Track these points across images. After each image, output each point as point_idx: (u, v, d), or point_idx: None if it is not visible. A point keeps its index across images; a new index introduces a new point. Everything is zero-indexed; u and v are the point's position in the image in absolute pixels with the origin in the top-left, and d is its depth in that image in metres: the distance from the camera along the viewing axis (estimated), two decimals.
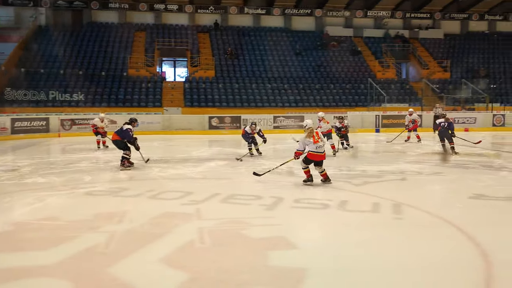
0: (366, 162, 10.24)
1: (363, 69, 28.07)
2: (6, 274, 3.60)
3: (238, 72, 26.47)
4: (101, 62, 25.45)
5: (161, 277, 3.54)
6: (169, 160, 10.77)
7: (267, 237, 4.53)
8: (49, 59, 24.77)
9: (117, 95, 23.17)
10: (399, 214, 5.45)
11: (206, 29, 30.03)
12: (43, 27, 27.72)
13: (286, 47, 29.11)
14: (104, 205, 6.07)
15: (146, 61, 25.92)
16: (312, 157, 7.17)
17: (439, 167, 9.33)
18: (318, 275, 3.55)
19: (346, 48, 29.90)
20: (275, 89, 25.15)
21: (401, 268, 3.72)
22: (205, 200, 6.17)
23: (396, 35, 31.76)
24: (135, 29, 28.97)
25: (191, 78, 25.56)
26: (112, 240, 4.45)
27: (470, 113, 23.93)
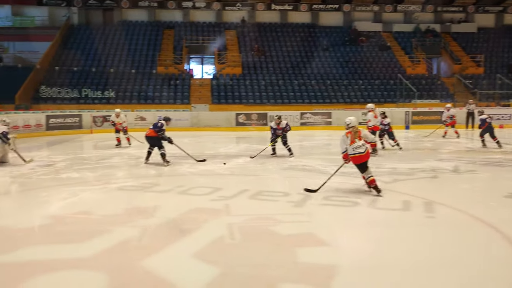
0: (396, 160, 10.10)
1: (393, 65, 27.58)
2: (44, 266, 3.74)
3: (265, 68, 26.46)
4: (131, 60, 25.92)
5: (192, 271, 3.61)
6: (197, 156, 10.89)
7: (295, 234, 4.54)
8: (82, 57, 25.40)
9: (146, 92, 23.57)
10: (430, 213, 5.37)
11: (233, 26, 30.13)
12: (75, 26, 28.44)
13: (313, 43, 28.90)
14: (135, 200, 6.21)
15: (175, 58, 26.23)
16: (357, 159, 6.33)
17: (473, 165, 9.10)
18: (347, 272, 3.55)
19: (375, 44, 29.43)
20: (302, 86, 25.03)
21: (433, 267, 3.67)
22: (234, 196, 6.23)
23: (426, 29, 31.04)
24: (164, 27, 29.35)
25: (218, 75, 25.73)
26: (144, 234, 4.56)
27: (505, 109, 23.16)
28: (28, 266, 3.72)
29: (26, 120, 17.51)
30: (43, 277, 3.51)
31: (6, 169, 8.78)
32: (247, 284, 3.36)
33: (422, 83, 25.86)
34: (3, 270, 3.66)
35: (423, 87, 25.47)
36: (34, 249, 4.19)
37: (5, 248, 4.17)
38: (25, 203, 6.21)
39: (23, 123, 17.25)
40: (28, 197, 6.63)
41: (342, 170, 7.36)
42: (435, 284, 3.37)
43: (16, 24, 27.96)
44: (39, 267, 3.70)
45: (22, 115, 17.78)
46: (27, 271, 3.62)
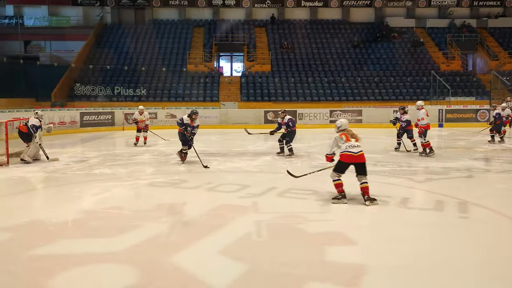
0: (428, 158, 9.85)
1: (426, 61, 26.91)
2: (77, 259, 3.85)
3: (294, 66, 26.32)
4: (162, 58, 26.30)
5: (220, 268, 3.63)
6: (226, 153, 10.97)
7: (323, 232, 4.50)
8: (114, 56, 25.98)
9: (176, 90, 23.87)
10: (464, 213, 5.22)
11: (263, 24, 30.10)
12: (108, 25, 29.08)
13: (343, 39, 28.53)
14: (165, 196, 6.30)
15: (204, 56, 26.45)
16: (347, 158, 5.73)
17: (509, 164, 8.79)
18: (375, 272, 3.49)
19: (408, 40, 28.78)
20: (332, 83, 24.76)
21: (464, 268, 3.57)
22: (262, 194, 6.23)
23: (462, 24, 30.10)
24: (194, 25, 29.64)
25: (247, 72, 25.77)
26: (173, 230, 4.62)
27: None
28: (62, 259, 3.84)
29: (62, 117, 18.03)
30: (76, 270, 3.61)
31: (41, 165, 9.07)
32: (274, 282, 3.35)
33: (456, 80, 25.13)
34: (38, 263, 3.79)
35: (458, 84, 24.75)
36: (67, 243, 4.31)
37: (40, 241, 4.30)
38: (59, 198, 6.39)
39: (59, 120, 17.77)
40: (62, 192, 6.83)
41: (371, 169, 7.25)
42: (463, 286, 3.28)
43: (53, 24, 28.85)
44: (72, 261, 3.80)
45: (58, 112, 18.32)
46: (61, 264, 3.72)
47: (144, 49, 26.96)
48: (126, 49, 26.61)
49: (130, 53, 26.29)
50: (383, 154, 10.49)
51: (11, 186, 7.30)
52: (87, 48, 26.19)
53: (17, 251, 4.04)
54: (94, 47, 26.56)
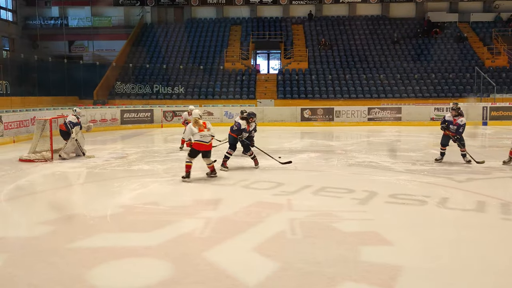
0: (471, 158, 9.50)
1: (469, 57, 25.91)
2: (114, 252, 3.97)
3: (331, 63, 25.99)
4: (199, 57, 26.63)
5: (253, 264, 3.64)
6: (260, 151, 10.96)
7: (359, 232, 4.43)
8: (154, 55, 26.56)
9: (214, 88, 24.11)
10: (507, 215, 5.00)
11: (300, 21, 29.90)
12: (148, 25, 29.74)
13: (383, 35, 27.90)
14: (201, 193, 6.38)
15: (241, 54, 26.57)
16: (198, 146, 7.00)
17: None
18: (411, 273, 3.40)
19: (450, 35, 27.80)
20: (370, 80, 24.29)
21: (504, 274, 3.41)
22: (297, 192, 6.20)
23: (509, 18, 28.77)
24: (231, 23, 29.82)
25: (284, 70, 25.69)
26: (207, 226, 4.67)
27: None
28: (100, 252, 3.96)
29: (103, 115, 18.63)
30: (113, 263, 3.72)
31: (83, 161, 9.39)
32: (307, 280, 3.33)
33: (502, 76, 24.07)
34: (77, 254, 3.93)
35: (504, 80, 23.69)
36: (106, 236, 4.45)
37: (79, 234, 4.46)
38: (99, 193, 6.60)
39: (100, 117, 18.36)
40: (102, 187, 7.05)
41: (409, 168, 7.07)
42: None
43: (95, 24, 29.81)
44: (110, 254, 3.92)
45: (100, 110, 18.94)
46: (99, 256, 3.85)
47: (183, 47, 27.39)
48: (164, 47, 27.13)
49: (168, 52, 26.80)
50: (422, 153, 10.20)
51: (54, 181, 7.61)
52: (128, 47, 26.89)
53: (58, 244, 4.21)
54: (134, 46, 27.23)
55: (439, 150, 8.92)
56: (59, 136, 10.02)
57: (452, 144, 8.81)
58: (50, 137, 9.49)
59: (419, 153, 10.14)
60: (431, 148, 11.07)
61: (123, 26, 29.59)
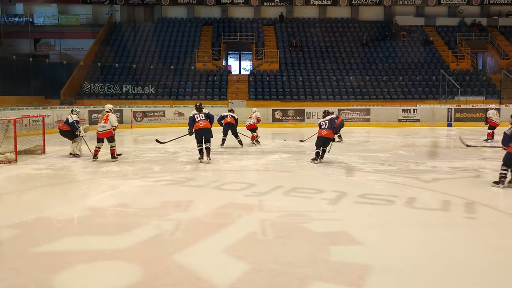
0: (436, 158, 9.78)
1: (435, 60, 26.68)
2: (82, 256, 3.87)
3: (302, 64, 26.24)
4: (170, 56, 26.37)
5: (224, 266, 3.63)
6: (233, 152, 10.97)
7: (329, 232, 4.48)
8: (123, 54, 26.11)
9: (185, 88, 23.92)
10: (471, 213, 5.16)
11: (271, 22, 30.05)
12: (118, 23, 29.22)
13: (352, 38, 28.39)
14: (171, 194, 6.32)
15: (213, 54, 26.47)
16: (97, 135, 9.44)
17: None
18: (380, 272, 3.46)
19: (417, 38, 28.55)
20: (340, 82, 24.65)
21: (471, 270, 3.53)
22: (268, 192, 6.22)
23: (472, 23, 29.80)
24: (202, 23, 29.67)
25: (255, 71, 25.76)
26: (178, 228, 4.63)
27: None
28: (66, 256, 3.86)
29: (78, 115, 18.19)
30: (80, 267, 3.63)
31: (49, 162, 9.15)
32: (278, 281, 3.34)
33: (466, 79, 24.90)
34: (43, 259, 3.81)
35: (467, 83, 24.51)
36: (72, 239, 4.34)
37: (46, 238, 4.33)
38: (66, 195, 6.43)
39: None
40: (69, 189, 6.87)
41: (378, 168, 7.21)
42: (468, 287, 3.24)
43: (62, 22, 29.06)
44: (77, 258, 3.82)
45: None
46: (65, 261, 3.74)
47: (153, 47, 27.04)
48: (134, 47, 26.73)
49: (138, 51, 26.42)
50: (390, 154, 10.43)
51: (19, 183, 7.38)
52: (96, 46, 26.34)
53: (22, 248, 4.07)
54: (103, 45, 26.69)
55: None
56: (29, 137, 9.90)
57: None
58: (14, 138, 9.18)
59: (387, 154, 10.36)
60: (398, 148, 11.33)
61: (91, 25, 28.97)
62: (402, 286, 3.29)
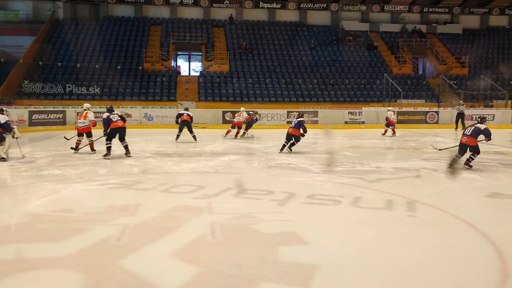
0: (380, 159, 10.15)
1: (379, 64, 27.77)
2: (21, 264, 3.66)
3: (252, 66, 26.42)
4: (117, 56, 25.66)
5: (172, 270, 3.56)
6: (182, 154, 10.84)
7: (278, 233, 4.52)
8: (66, 53, 25.09)
9: (132, 88, 23.35)
10: (412, 212, 5.39)
11: (221, 24, 30.02)
12: (60, 21, 28.03)
13: (301, 41, 28.95)
14: (117, 198, 6.13)
15: (161, 55, 26.04)
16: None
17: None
18: (328, 272, 3.53)
19: (362, 43, 29.60)
20: (289, 84, 25.05)
21: (413, 266, 3.68)
22: (217, 195, 6.18)
23: (413, 30, 31.32)
24: (151, 23, 29.12)
25: (205, 72, 25.61)
26: (124, 233, 4.49)
27: (489, 109, 23.51)
28: (3, 265, 3.63)
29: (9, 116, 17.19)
30: (18, 276, 3.43)
31: None
32: (227, 283, 3.33)
33: (408, 83, 26.10)
34: None
35: (409, 87, 25.71)
36: (10, 247, 4.09)
37: None
38: (3, 201, 6.08)
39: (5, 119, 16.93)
40: (6, 194, 6.50)
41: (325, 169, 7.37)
42: (414, 285, 3.38)
43: (0, 17, 27.46)
44: (14, 266, 3.61)
45: None
46: (3, 269, 3.53)
47: (98, 46, 26.20)
48: (78, 46, 25.77)
49: (83, 50, 25.50)
50: (337, 155, 10.70)
51: None
52: (37, 44, 25.12)
53: None
54: (44, 43, 25.51)
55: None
56: None
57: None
58: None
59: (334, 155, 10.62)
60: (345, 150, 11.65)
61: (31, 21, 27.58)
62: (348, 284, 3.38)
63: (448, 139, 15.19)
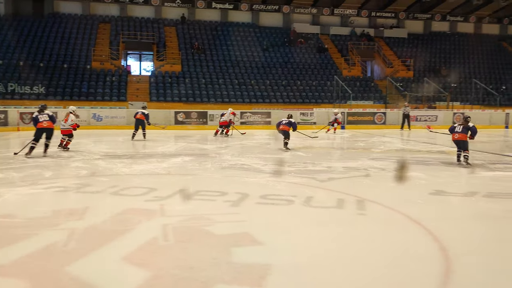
0: (331, 159, 10.39)
1: (330, 66, 28.44)
2: None
3: (205, 67, 26.27)
4: (63, 54, 24.70)
5: (122, 275, 3.47)
6: (133, 155, 10.59)
7: (231, 234, 4.51)
8: (8, 50, 23.83)
9: (80, 88, 22.54)
10: (362, 210, 5.56)
11: (173, 23, 29.62)
12: (2, 17, 26.59)
13: (253, 42, 29.13)
14: (64, 202, 5.89)
15: (111, 54, 25.33)
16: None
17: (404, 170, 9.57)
18: (281, 271, 3.57)
19: (313, 45, 30.20)
20: (242, 85, 25.12)
21: (362, 263, 3.79)
22: (169, 197, 6.09)
23: (362, 33, 32.32)
24: (99, 21, 28.25)
25: (157, 72, 25.18)
26: (72, 237, 4.32)
27: (432, 111, 24.71)
28: None
29: None
30: None
31: None
32: (179, 286, 3.28)
33: (357, 85, 26.89)
34: None
35: (358, 89, 26.49)
36: None
37: None
38: None
39: None
40: None
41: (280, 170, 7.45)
42: (363, 281, 3.48)
43: None
44: None
45: None
46: None
47: (43, 43, 25.10)
48: (21, 43, 24.55)
49: (26, 48, 24.31)
50: (290, 155, 10.85)
51: None
52: None
53: None
54: None
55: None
56: None
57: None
58: None
59: (286, 155, 10.76)
60: (298, 150, 11.83)
61: None
62: (301, 283, 3.43)
63: (395, 139, 15.82)
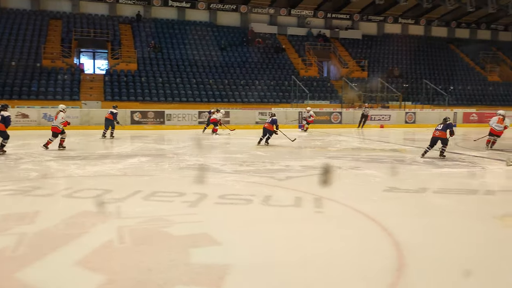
0: (289, 157, 10.51)
1: (287, 67, 28.73)
2: None
3: (162, 65, 25.86)
4: (11, 52, 23.58)
5: (76, 280, 3.36)
6: (87, 156, 10.27)
7: (189, 234, 4.47)
8: None
9: (29, 87, 21.60)
10: (319, 208, 5.65)
11: (128, 21, 28.97)
12: None
13: (211, 42, 28.97)
14: (13, 206, 5.63)
15: (62, 51, 24.44)
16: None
17: (356, 162, 9.83)
18: (239, 271, 3.57)
19: (271, 45, 30.40)
20: (200, 84, 24.93)
21: (320, 261, 3.86)
22: (126, 198, 5.95)
23: (318, 34, 32.88)
24: (50, 17, 27.19)
25: (111, 70, 24.53)
26: (21, 243, 4.14)
27: (385, 110, 25.50)
28: None
29: None
30: None
31: None
32: None
33: (314, 85, 27.33)
34: None
35: (315, 88, 26.93)
36: None
37: None
38: None
39: None
40: None
41: (237, 169, 7.46)
42: (319, 277, 3.54)
43: None
44: None
45: None
46: None
47: None
48: None
49: None
50: (249, 154, 10.88)
51: None
52: None
53: None
54: None
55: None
56: None
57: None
58: None
59: (245, 155, 10.79)
60: (255, 149, 11.88)
61: None
62: (260, 282, 3.44)
63: (351, 138, 16.20)
